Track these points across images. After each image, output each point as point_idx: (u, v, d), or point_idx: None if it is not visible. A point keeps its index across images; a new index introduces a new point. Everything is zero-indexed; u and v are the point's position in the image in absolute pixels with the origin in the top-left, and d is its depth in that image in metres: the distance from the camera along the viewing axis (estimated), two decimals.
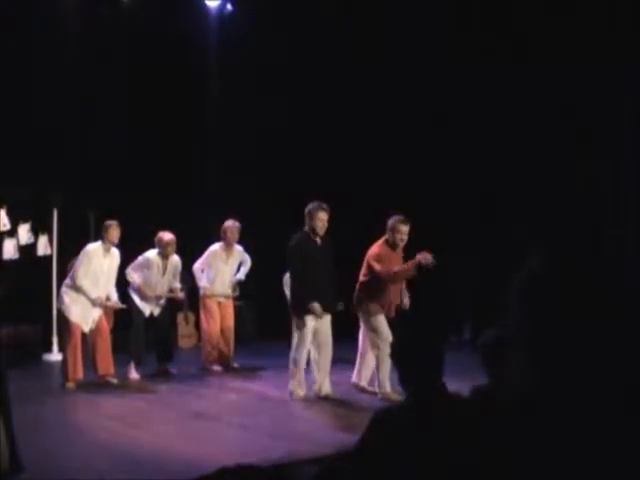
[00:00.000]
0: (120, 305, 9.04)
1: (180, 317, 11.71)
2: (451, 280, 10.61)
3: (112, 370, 8.77)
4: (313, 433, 6.62)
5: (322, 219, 7.80)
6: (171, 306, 9.92)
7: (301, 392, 7.91)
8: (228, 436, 6.62)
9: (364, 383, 8.28)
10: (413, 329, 3.37)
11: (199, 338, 11.63)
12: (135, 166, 11.35)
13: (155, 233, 9.26)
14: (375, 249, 8.06)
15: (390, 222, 8.04)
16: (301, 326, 7.81)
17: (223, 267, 9.74)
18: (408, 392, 3.28)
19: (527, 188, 9.77)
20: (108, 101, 11.24)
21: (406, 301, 8.34)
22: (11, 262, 10.36)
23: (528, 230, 8.96)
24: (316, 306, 7.69)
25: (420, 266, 7.78)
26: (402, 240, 8.03)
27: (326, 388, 7.92)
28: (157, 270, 9.22)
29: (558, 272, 2.58)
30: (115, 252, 8.86)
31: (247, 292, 10.70)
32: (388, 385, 7.84)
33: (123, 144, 11.37)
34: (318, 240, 7.90)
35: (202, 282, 9.69)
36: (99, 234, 8.92)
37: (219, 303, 9.80)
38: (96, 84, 11.12)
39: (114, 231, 8.73)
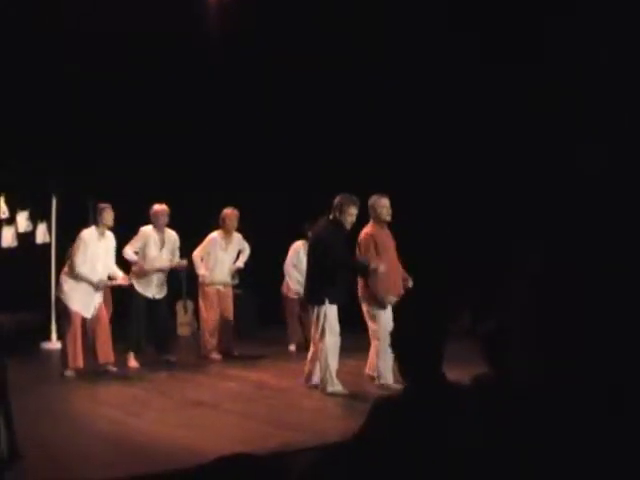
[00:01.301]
0: (127, 280, 9.00)
1: (179, 305, 11.73)
2: (449, 269, 10.61)
3: (112, 358, 8.77)
4: (312, 421, 6.62)
5: (352, 214, 7.68)
6: (170, 294, 9.92)
7: (340, 388, 7.64)
8: (227, 424, 6.61)
9: (375, 373, 8.08)
10: (413, 317, 3.37)
11: (198, 326, 11.65)
12: (135, 155, 11.34)
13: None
14: (366, 230, 8.01)
15: (370, 201, 7.99)
16: (327, 316, 7.62)
17: (222, 255, 9.74)
18: (408, 381, 3.27)
19: (526, 180, 9.74)
20: (107, 90, 11.21)
21: (410, 284, 8.25)
22: (10, 250, 10.37)
23: (526, 222, 8.94)
24: (381, 266, 7.56)
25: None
26: (388, 214, 7.95)
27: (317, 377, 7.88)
28: (154, 244, 9.22)
29: (559, 267, 2.58)
30: (110, 235, 8.83)
31: (246, 280, 10.70)
32: (390, 377, 7.71)
33: (124, 132, 11.36)
34: (343, 230, 7.76)
35: (201, 270, 9.68)
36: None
37: (218, 291, 9.80)
38: (96, 73, 11.10)
39: (108, 214, 8.71)
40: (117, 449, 5.86)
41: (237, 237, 9.84)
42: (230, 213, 9.66)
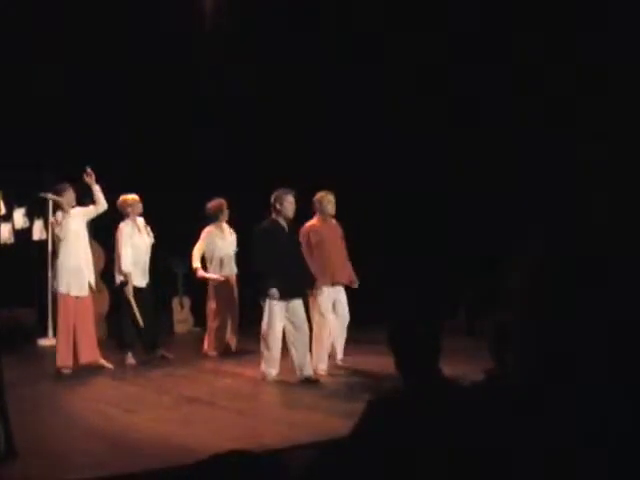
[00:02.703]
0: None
1: (175, 302, 11.72)
2: (445, 264, 10.62)
3: (97, 356, 8.77)
4: (308, 418, 6.62)
5: (291, 201, 8.09)
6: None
7: (274, 372, 8.07)
8: (223, 421, 6.61)
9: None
10: (411, 314, 3.36)
11: (194, 323, 11.65)
12: (133, 153, 11.33)
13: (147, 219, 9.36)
14: (308, 223, 8.62)
15: (317, 196, 8.61)
16: (269, 309, 7.98)
17: (222, 243, 9.71)
18: (405, 378, 3.26)
19: (528, 169, 9.74)
20: (103, 87, 11.18)
21: (349, 272, 8.80)
22: (6, 246, 10.36)
23: (524, 212, 8.94)
24: (274, 292, 7.89)
25: None
26: (332, 208, 8.59)
27: (307, 370, 8.01)
28: (136, 234, 9.25)
29: (562, 256, 2.57)
30: (78, 210, 8.84)
31: (243, 277, 10.69)
32: (323, 368, 8.36)
33: (121, 129, 11.34)
34: (286, 225, 8.16)
35: (197, 263, 9.66)
36: (94, 218, 8.94)
37: (226, 283, 9.72)
38: (93, 70, 11.07)
39: (70, 194, 8.74)
40: (113, 446, 5.86)
41: (227, 227, 9.87)
42: (222, 203, 9.72)
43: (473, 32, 10.06)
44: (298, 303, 8.09)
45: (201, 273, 9.67)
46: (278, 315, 7.98)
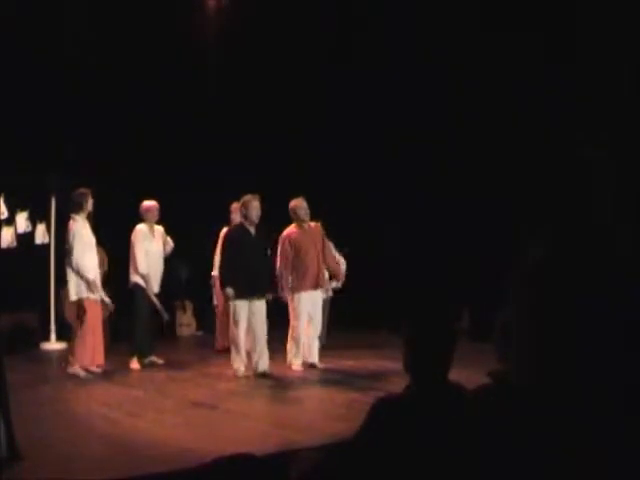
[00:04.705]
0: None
1: (178, 306, 11.72)
2: (448, 267, 10.61)
3: (91, 363, 8.77)
4: (311, 421, 6.62)
5: (255, 207, 8.43)
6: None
7: (242, 368, 8.44)
8: (226, 425, 6.61)
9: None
10: (431, 316, 3.30)
11: (197, 326, 11.67)
12: (134, 154, 11.33)
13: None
14: (285, 231, 8.87)
15: (290, 205, 8.83)
16: (233, 308, 8.40)
17: None
18: (415, 380, 3.22)
19: (529, 172, 9.72)
20: (106, 87, 11.19)
21: (332, 264, 9.14)
22: (9, 250, 10.36)
23: (527, 216, 8.93)
24: (229, 291, 8.29)
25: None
26: (306, 214, 8.76)
27: (263, 365, 8.42)
28: (150, 238, 9.26)
29: (563, 260, 2.56)
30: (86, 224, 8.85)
31: None
32: (298, 363, 8.77)
33: (123, 131, 11.35)
34: (252, 230, 8.47)
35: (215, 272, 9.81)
36: (96, 221, 8.93)
37: None
38: (93, 72, 11.08)
39: (91, 199, 8.77)
40: (116, 450, 5.85)
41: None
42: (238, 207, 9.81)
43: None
44: (259, 304, 8.44)
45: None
46: (242, 314, 8.35)
